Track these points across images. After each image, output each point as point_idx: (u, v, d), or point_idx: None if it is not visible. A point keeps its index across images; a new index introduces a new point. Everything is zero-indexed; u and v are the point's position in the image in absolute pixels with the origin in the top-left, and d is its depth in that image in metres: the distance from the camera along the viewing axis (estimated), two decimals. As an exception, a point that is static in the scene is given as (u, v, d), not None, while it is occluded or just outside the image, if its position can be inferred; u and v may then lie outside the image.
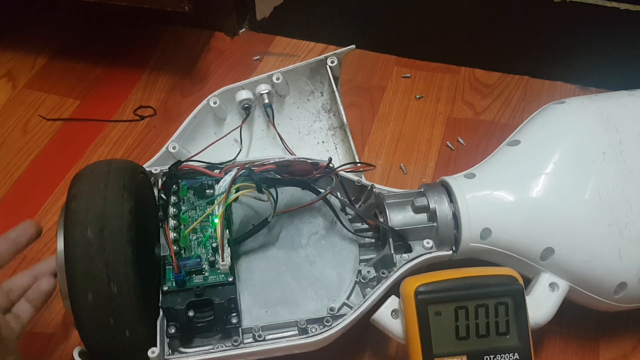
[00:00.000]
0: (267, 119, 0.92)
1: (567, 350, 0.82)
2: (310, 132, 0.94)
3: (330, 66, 0.91)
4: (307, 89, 0.93)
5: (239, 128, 0.89)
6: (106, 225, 0.63)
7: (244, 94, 0.89)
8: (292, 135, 0.94)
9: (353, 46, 0.92)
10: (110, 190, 0.65)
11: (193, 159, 0.81)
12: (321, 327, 0.70)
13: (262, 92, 0.89)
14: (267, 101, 0.90)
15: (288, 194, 0.81)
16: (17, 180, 1.02)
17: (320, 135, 0.94)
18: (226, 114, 0.91)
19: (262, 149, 0.93)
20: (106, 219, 0.63)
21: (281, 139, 0.91)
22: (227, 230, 0.72)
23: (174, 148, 0.84)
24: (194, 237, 0.72)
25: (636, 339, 0.83)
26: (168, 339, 0.68)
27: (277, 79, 0.89)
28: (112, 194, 0.65)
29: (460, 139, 1.06)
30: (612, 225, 0.72)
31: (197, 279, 0.69)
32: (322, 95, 0.94)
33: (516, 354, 0.69)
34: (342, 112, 0.91)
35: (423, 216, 0.77)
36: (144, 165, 0.79)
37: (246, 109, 0.89)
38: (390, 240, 0.75)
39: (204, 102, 0.88)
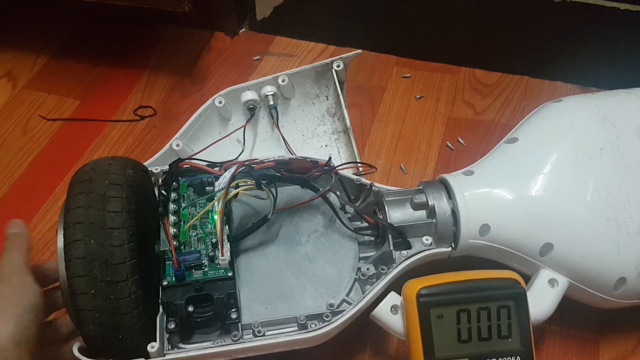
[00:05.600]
0: (271, 120, 0.92)
1: (567, 350, 0.82)
2: (314, 136, 0.95)
3: (336, 70, 0.91)
4: (312, 92, 0.93)
5: (243, 128, 0.89)
6: (106, 223, 0.63)
7: (250, 95, 0.89)
8: (295, 138, 0.94)
9: (359, 51, 0.92)
10: (110, 188, 0.65)
11: (194, 157, 0.81)
12: (320, 322, 0.70)
13: (267, 94, 0.90)
14: (272, 103, 0.90)
15: (287, 193, 0.81)
16: (17, 180, 1.02)
17: (323, 139, 0.94)
18: (231, 115, 0.91)
19: (266, 150, 0.93)
20: (106, 217, 0.63)
21: (285, 141, 0.91)
22: (227, 227, 0.72)
23: (177, 145, 0.85)
24: (194, 234, 0.72)
25: (636, 339, 0.83)
26: (167, 335, 0.68)
27: (283, 81, 0.89)
28: (113, 192, 0.65)
29: (460, 139, 1.06)
30: (611, 219, 0.72)
31: (197, 274, 0.69)
32: (327, 99, 0.94)
33: (518, 357, 0.69)
34: (347, 117, 0.92)
35: (422, 213, 0.77)
36: (145, 164, 0.79)
37: (251, 110, 0.90)
38: (390, 237, 0.75)
39: (210, 101, 0.88)
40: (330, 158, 0.79)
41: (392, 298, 0.72)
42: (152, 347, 0.65)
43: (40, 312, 0.67)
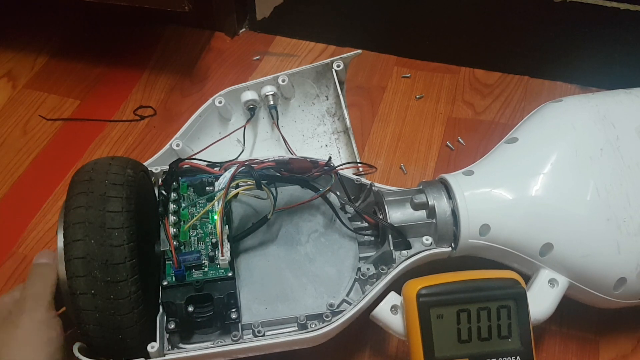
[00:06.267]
0: (271, 120, 0.92)
1: (567, 350, 0.82)
2: (314, 136, 0.95)
3: (336, 70, 0.91)
4: (312, 92, 0.93)
5: (243, 128, 0.89)
6: (106, 223, 0.63)
7: (250, 95, 0.89)
8: (295, 138, 0.94)
9: (359, 51, 0.92)
10: (110, 188, 0.65)
11: (194, 157, 0.81)
12: (320, 322, 0.70)
13: (267, 94, 0.90)
14: (272, 103, 0.90)
15: (288, 193, 0.81)
16: (17, 180, 1.02)
17: (323, 139, 0.94)
18: (231, 115, 0.91)
19: (266, 150, 0.93)
20: (106, 217, 0.63)
21: (285, 141, 0.91)
22: (227, 227, 0.72)
23: (177, 145, 0.85)
24: (194, 234, 0.72)
25: (636, 339, 0.83)
26: (167, 335, 0.68)
27: (283, 81, 0.89)
28: (113, 192, 0.65)
29: (460, 139, 1.06)
30: (611, 219, 0.72)
31: (197, 274, 0.69)
32: (327, 99, 0.94)
33: (518, 357, 0.69)
34: (347, 117, 0.92)
35: (422, 213, 0.77)
36: (145, 164, 0.79)
37: (251, 110, 0.89)
38: (390, 237, 0.75)
39: (210, 101, 0.88)
40: (330, 158, 0.79)
41: (392, 298, 0.72)
42: (152, 347, 0.65)
43: (63, 348, 0.66)
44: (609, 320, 0.83)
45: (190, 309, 0.67)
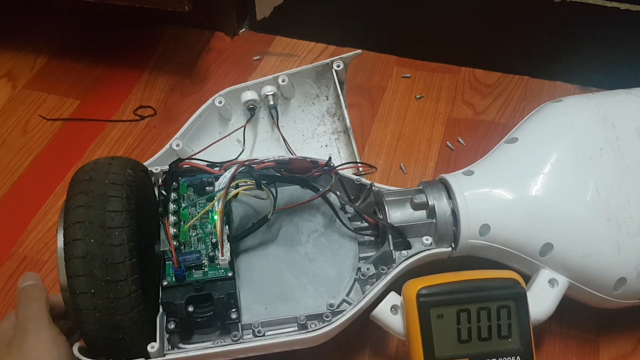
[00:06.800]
0: (271, 120, 0.92)
1: (567, 350, 0.82)
2: (314, 136, 0.95)
3: (336, 70, 0.91)
4: (312, 92, 0.93)
5: (243, 128, 0.89)
6: (106, 222, 0.63)
7: (250, 95, 0.89)
8: (295, 138, 0.94)
9: (359, 51, 0.92)
10: (110, 188, 0.65)
11: (194, 157, 0.81)
12: (321, 322, 0.70)
13: (267, 94, 0.90)
14: (272, 103, 0.90)
15: (287, 193, 0.81)
16: (17, 180, 1.02)
17: (323, 139, 0.94)
18: (231, 115, 0.91)
19: (266, 150, 0.93)
20: (106, 217, 0.63)
21: (285, 141, 0.91)
22: (227, 227, 0.72)
23: (177, 145, 0.85)
24: (194, 234, 0.72)
25: (636, 339, 0.83)
26: (167, 335, 0.68)
27: (283, 81, 0.89)
28: (113, 192, 0.65)
29: (460, 139, 1.06)
30: (611, 219, 0.72)
31: (197, 274, 0.69)
32: (327, 99, 0.94)
33: (518, 357, 0.69)
34: (347, 117, 0.91)
35: (422, 213, 0.77)
36: (145, 164, 0.79)
37: (251, 110, 0.89)
38: (390, 237, 0.75)
39: (210, 101, 0.88)
40: (330, 158, 0.79)
41: (392, 298, 0.72)
42: (152, 347, 0.65)
43: None
44: (609, 320, 0.83)
45: (190, 309, 0.67)
